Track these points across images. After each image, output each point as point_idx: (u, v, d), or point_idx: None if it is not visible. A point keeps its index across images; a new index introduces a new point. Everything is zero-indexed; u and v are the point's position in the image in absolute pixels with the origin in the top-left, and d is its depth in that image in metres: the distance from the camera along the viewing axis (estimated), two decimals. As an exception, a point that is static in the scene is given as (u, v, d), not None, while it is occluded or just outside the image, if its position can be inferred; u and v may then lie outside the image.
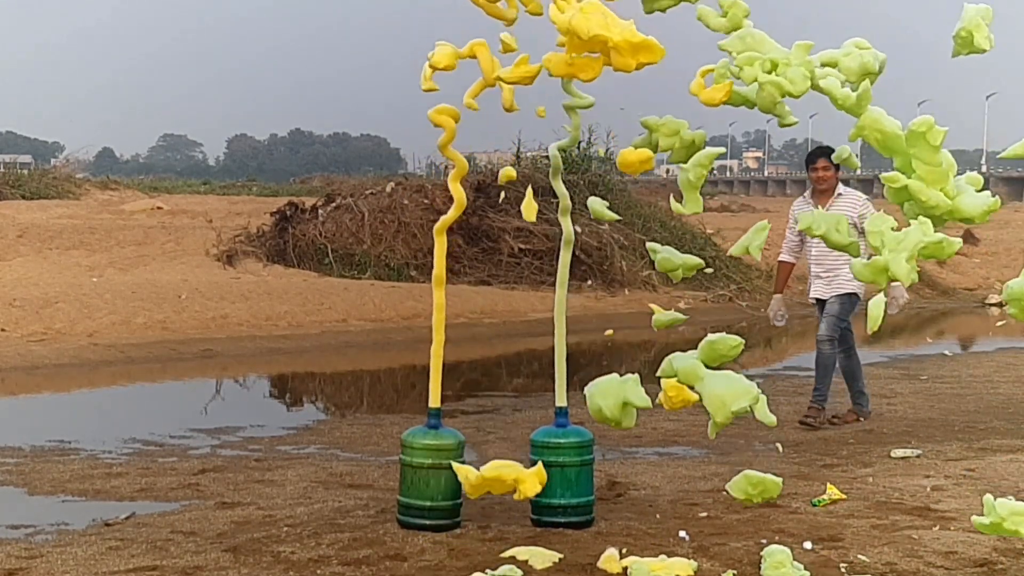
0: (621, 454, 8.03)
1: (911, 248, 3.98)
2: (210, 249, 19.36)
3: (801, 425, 8.75)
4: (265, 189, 43.20)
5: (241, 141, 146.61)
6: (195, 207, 28.38)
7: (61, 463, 7.67)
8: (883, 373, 12.13)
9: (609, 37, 4.51)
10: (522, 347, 14.55)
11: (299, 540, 5.60)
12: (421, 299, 15.73)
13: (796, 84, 4.28)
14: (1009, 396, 10.40)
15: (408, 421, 7.85)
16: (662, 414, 9.69)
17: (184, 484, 7.04)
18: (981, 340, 16.88)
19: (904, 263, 3.99)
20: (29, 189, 31.30)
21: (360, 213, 19.80)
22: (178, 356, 13.16)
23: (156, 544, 5.58)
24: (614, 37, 4.50)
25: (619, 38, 4.50)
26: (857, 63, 4.34)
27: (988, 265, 23.30)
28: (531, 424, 7.45)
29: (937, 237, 4.00)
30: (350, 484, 6.98)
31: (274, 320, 15.02)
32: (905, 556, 5.30)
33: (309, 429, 9.31)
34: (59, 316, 13.90)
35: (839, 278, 8.66)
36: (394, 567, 5.16)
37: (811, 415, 8.85)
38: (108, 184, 37.02)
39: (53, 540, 5.75)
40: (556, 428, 5.94)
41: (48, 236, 20.34)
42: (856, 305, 8.84)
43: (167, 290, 15.65)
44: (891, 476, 7.05)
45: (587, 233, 18.92)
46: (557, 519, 5.79)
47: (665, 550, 5.26)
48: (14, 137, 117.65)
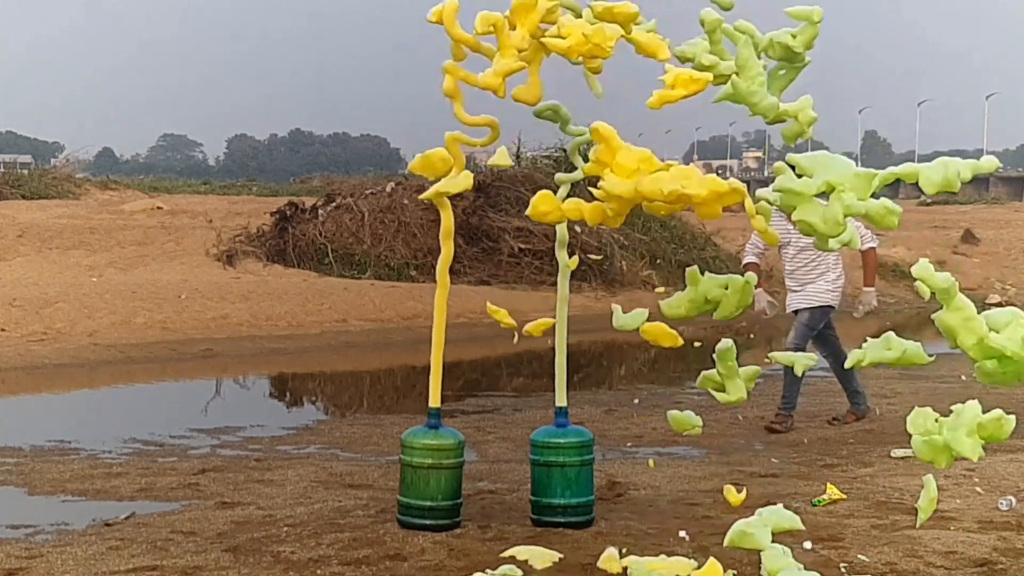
0: (621, 454, 8.04)
1: (969, 424, 3.90)
2: (210, 249, 19.36)
3: (768, 431, 8.75)
4: (265, 189, 43.21)
5: (241, 141, 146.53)
6: (195, 207, 28.37)
7: (61, 463, 7.67)
8: (883, 373, 12.11)
9: (693, 195, 4.29)
10: (522, 347, 14.53)
11: (299, 540, 5.60)
12: (421, 299, 15.72)
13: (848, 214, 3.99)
14: (1009, 396, 10.39)
15: (408, 421, 7.85)
16: (662, 414, 9.70)
17: (184, 484, 7.04)
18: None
19: (967, 440, 3.90)
20: (29, 189, 31.30)
21: (360, 213, 19.79)
22: (178, 356, 13.16)
23: (156, 544, 5.58)
24: (700, 193, 4.28)
25: (705, 192, 4.20)
26: (941, 175, 3.86)
27: (988, 265, 23.28)
28: (531, 424, 7.45)
29: (995, 415, 3.89)
30: (350, 484, 6.97)
31: (274, 320, 15.02)
32: (905, 556, 5.30)
33: (309, 429, 9.31)
34: (59, 316, 13.90)
35: (812, 290, 8.69)
36: (394, 567, 5.16)
37: (778, 421, 8.84)
38: (108, 184, 37.02)
39: (53, 540, 5.75)
40: (556, 428, 5.94)
41: (48, 236, 20.34)
42: (828, 315, 8.80)
43: (167, 290, 15.65)
44: (891, 476, 7.05)
45: (587, 233, 18.91)
46: (557, 519, 5.79)
47: (665, 550, 5.26)
48: (14, 137, 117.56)
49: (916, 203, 51.79)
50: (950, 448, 3.86)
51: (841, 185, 3.85)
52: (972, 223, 28.81)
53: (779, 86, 4.42)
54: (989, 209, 40.75)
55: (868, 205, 3.83)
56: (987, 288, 21.85)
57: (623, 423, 9.23)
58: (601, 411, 9.75)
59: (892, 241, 21.76)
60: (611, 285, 19.05)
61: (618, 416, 9.53)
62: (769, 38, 4.37)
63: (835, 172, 3.86)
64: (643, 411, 9.69)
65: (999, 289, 21.76)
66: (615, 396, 10.70)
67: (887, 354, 4.05)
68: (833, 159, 3.95)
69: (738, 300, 4.50)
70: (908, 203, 53.20)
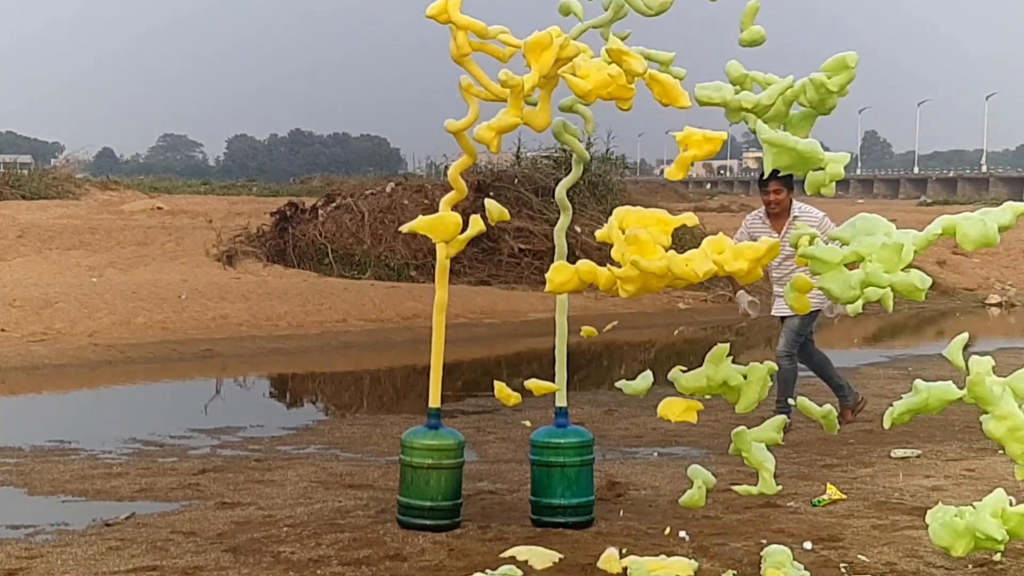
0: (621, 454, 8.04)
1: (993, 507, 3.90)
2: (210, 249, 19.36)
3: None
4: (265, 189, 43.27)
5: (241, 141, 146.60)
6: (195, 207, 28.39)
7: (61, 463, 7.67)
8: (883, 373, 12.13)
9: (731, 271, 4.24)
10: (522, 347, 14.54)
11: (299, 540, 5.60)
12: (421, 299, 15.73)
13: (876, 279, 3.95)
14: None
15: (408, 421, 7.85)
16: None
17: (184, 484, 7.04)
18: (981, 340, 16.87)
19: (991, 520, 3.90)
20: (29, 189, 31.35)
21: (360, 213, 19.80)
22: (178, 356, 13.16)
23: (156, 544, 5.58)
24: (742, 266, 4.20)
25: (746, 264, 4.19)
26: (979, 231, 3.85)
27: (988, 265, 23.28)
28: (531, 424, 7.46)
29: (1020, 510, 3.89)
30: (350, 484, 6.97)
31: (274, 320, 15.01)
32: (905, 556, 5.30)
33: (309, 429, 9.31)
34: (59, 316, 13.90)
35: None
36: (394, 567, 5.16)
37: None
38: (108, 184, 37.09)
39: (53, 540, 5.75)
40: (556, 428, 5.94)
41: (48, 236, 20.35)
42: (815, 319, 8.74)
43: (167, 290, 15.65)
44: (891, 476, 7.05)
45: (587, 233, 18.91)
46: (557, 519, 5.79)
47: (665, 550, 5.26)
48: (14, 137, 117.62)
49: (916, 203, 51.79)
50: (973, 532, 3.85)
51: (869, 256, 3.80)
52: (972, 223, 28.80)
53: (806, 129, 4.36)
54: (989, 209, 40.70)
55: (894, 279, 3.77)
56: (987, 288, 21.85)
57: (623, 423, 9.23)
58: (601, 411, 9.75)
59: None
60: (611, 285, 19.03)
61: (618, 416, 9.53)
62: (803, 84, 4.29)
63: (865, 243, 3.80)
64: (642, 411, 9.69)
65: (999, 289, 21.76)
66: (615, 396, 10.69)
67: (915, 400, 4.04)
68: (875, 223, 3.89)
69: (758, 393, 4.44)
70: (908, 204, 53.26)
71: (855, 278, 3.83)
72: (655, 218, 4.40)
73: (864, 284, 3.81)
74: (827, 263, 3.87)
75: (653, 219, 4.37)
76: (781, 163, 4.17)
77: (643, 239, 4.24)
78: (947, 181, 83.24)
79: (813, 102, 4.27)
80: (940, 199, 59.03)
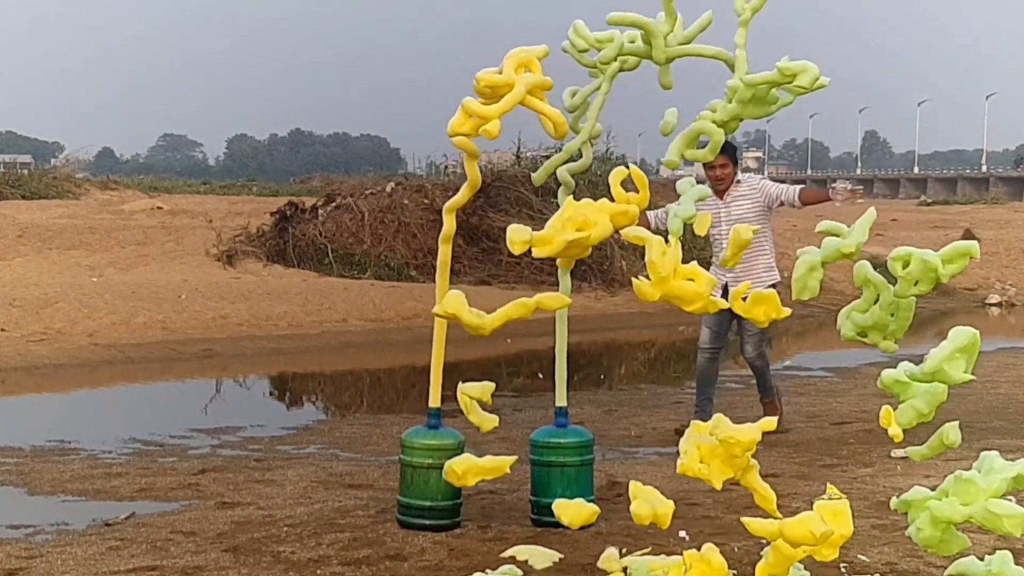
0: (621, 454, 8.03)
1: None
2: (210, 249, 19.35)
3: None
4: (265, 189, 43.24)
5: (241, 141, 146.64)
6: (195, 207, 28.37)
7: (61, 463, 7.67)
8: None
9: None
10: (522, 347, 14.54)
11: (299, 540, 5.60)
12: (421, 299, 15.72)
13: None
14: (1009, 396, 10.40)
15: (408, 421, 7.85)
16: (662, 414, 9.71)
17: (184, 484, 7.04)
18: (981, 340, 16.87)
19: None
20: (29, 189, 31.31)
21: (360, 213, 19.79)
22: (178, 356, 13.16)
23: (156, 544, 5.58)
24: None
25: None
26: None
27: (988, 265, 23.26)
28: (531, 424, 7.45)
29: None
30: (350, 484, 6.98)
31: (274, 320, 15.01)
32: (905, 556, 5.30)
33: (309, 429, 9.31)
34: (59, 316, 13.90)
35: (754, 273, 8.05)
36: (394, 567, 5.16)
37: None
38: (108, 184, 37.04)
39: (53, 540, 5.75)
40: (556, 428, 5.94)
41: (48, 236, 20.34)
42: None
43: (167, 290, 15.65)
44: (891, 476, 7.05)
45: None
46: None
47: (665, 550, 5.26)
48: (14, 137, 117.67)
49: (916, 203, 51.77)
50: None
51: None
52: (972, 223, 28.82)
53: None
54: (989, 209, 40.73)
55: (973, 511, 3.62)
56: (987, 288, 21.85)
57: (623, 423, 9.23)
58: (601, 411, 9.74)
59: (893, 241, 21.74)
60: (611, 285, 19.04)
61: (618, 416, 9.52)
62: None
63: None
64: (643, 411, 9.69)
65: (999, 289, 21.76)
66: (615, 396, 10.69)
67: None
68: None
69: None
70: (908, 203, 53.24)
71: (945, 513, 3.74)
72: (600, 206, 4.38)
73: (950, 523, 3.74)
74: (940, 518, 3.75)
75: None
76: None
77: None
78: (947, 181, 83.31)
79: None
80: (940, 199, 59.05)
